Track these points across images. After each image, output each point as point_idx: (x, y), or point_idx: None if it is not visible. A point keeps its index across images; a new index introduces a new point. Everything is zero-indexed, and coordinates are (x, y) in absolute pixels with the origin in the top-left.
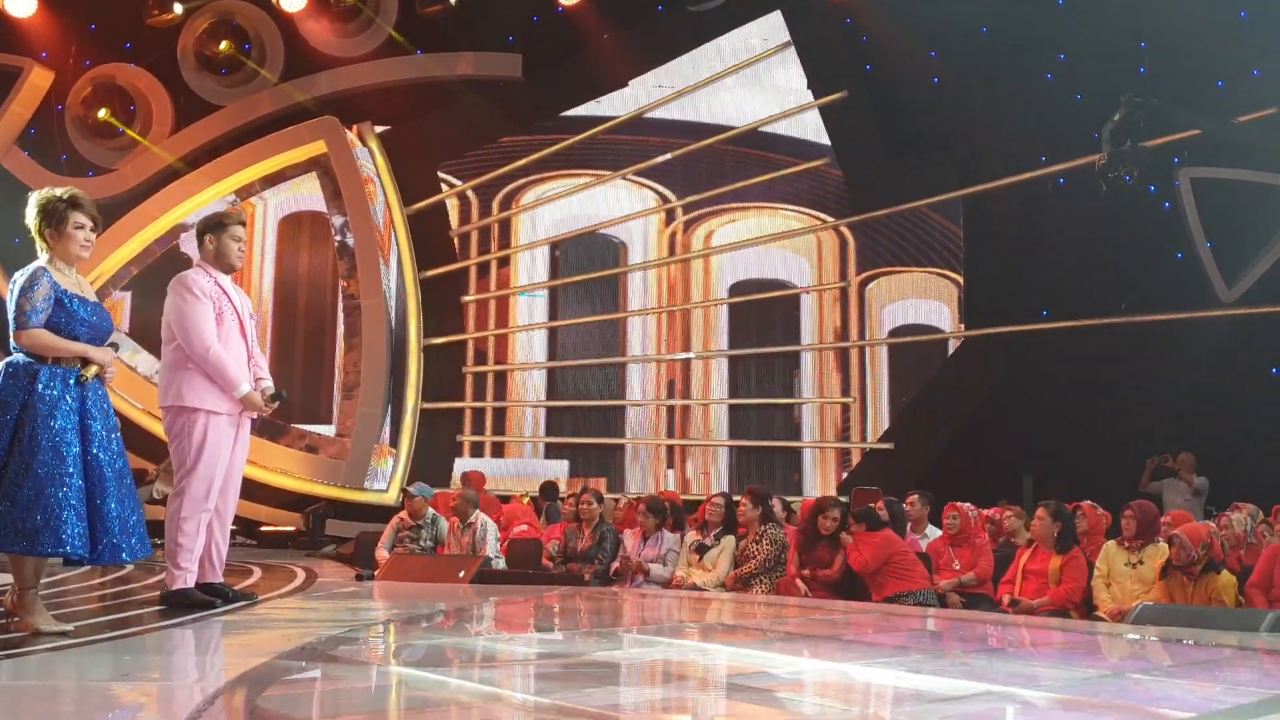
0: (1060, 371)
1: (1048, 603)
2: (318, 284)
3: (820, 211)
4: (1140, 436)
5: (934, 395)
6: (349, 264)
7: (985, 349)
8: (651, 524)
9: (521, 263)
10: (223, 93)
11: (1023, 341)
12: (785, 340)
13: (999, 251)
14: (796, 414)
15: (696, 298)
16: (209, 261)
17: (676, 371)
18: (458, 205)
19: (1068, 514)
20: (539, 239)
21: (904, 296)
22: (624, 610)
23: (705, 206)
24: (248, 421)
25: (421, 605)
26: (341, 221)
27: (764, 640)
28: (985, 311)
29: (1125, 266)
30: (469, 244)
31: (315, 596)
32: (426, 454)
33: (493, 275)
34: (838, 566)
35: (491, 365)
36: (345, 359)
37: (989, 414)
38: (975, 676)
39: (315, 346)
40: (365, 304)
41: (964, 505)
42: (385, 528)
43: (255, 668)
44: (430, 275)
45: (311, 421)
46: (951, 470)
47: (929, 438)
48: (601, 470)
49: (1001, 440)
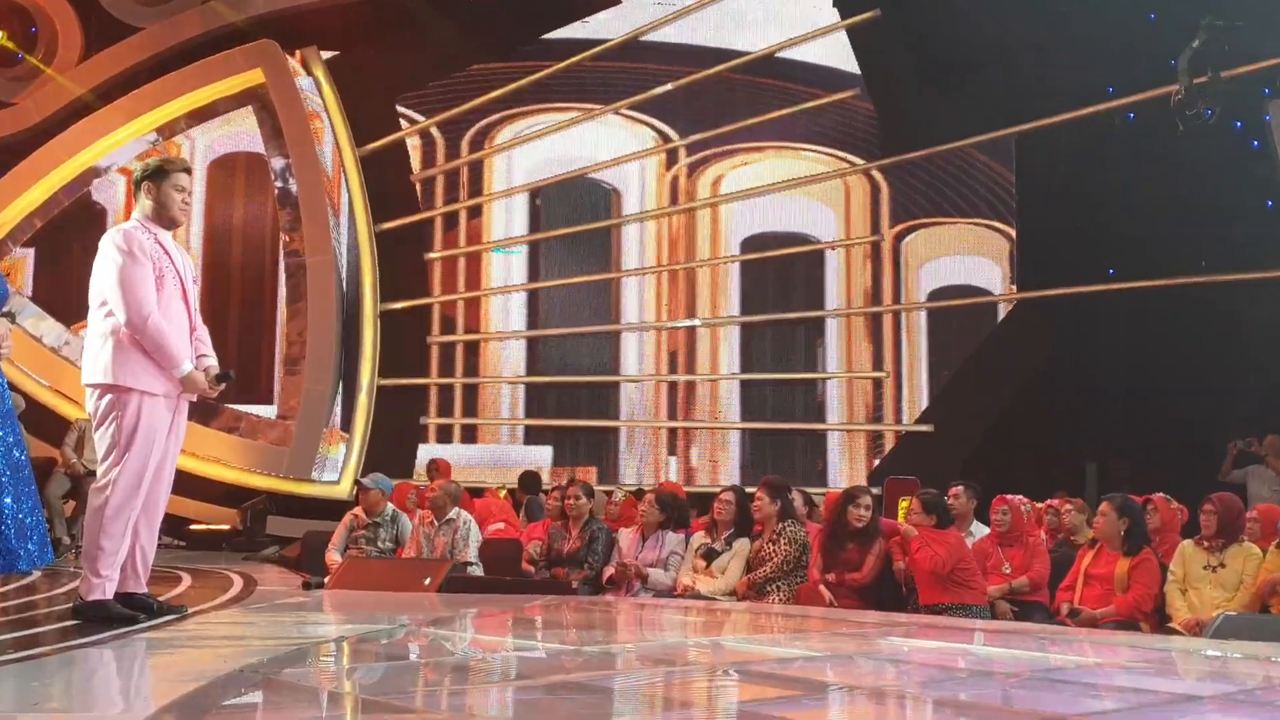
0: (1129, 341)
1: (1113, 613)
2: (255, 238)
3: (848, 152)
4: (1221, 417)
5: (981, 368)
6: (292, 215)
7: (1041, 314)
8: (655, 521)
9: (496, 213)
10: (141, 11)
11: (1085, 305)
12: (807, 304)
13: (1058, 199)
14: (820, 391)
15: (703, 254)
16: (148, 216)
17: (679, 341)
18: (420, 145)
19: (1137, 508)
20: (516, 185)
21: (946, 252)
22: (619, 623)
23: (713, 146)
24: (185, 405)
25: (381, 619)
26: (283, 165)
27: (783, 659)
28: (1042, 270)
29: (1205, 217)
30: (433, 191)
31: (255, 608)
32: (385, 439)
33: (461, 228)
34: (869, 568)
35: (461, 334)
36: (288, 327)
37: (1045, 390)
38: (1027, 702)
39: (252, 312)
40: (311, 262)
41: (1015, 498)
42: (337, 526)
43: (186, 695)
44: (388, 228)
45: (249, 401)
46: (1001, 457)
47: (975, 419)
48: (591, 458)
49: (1060, 422)
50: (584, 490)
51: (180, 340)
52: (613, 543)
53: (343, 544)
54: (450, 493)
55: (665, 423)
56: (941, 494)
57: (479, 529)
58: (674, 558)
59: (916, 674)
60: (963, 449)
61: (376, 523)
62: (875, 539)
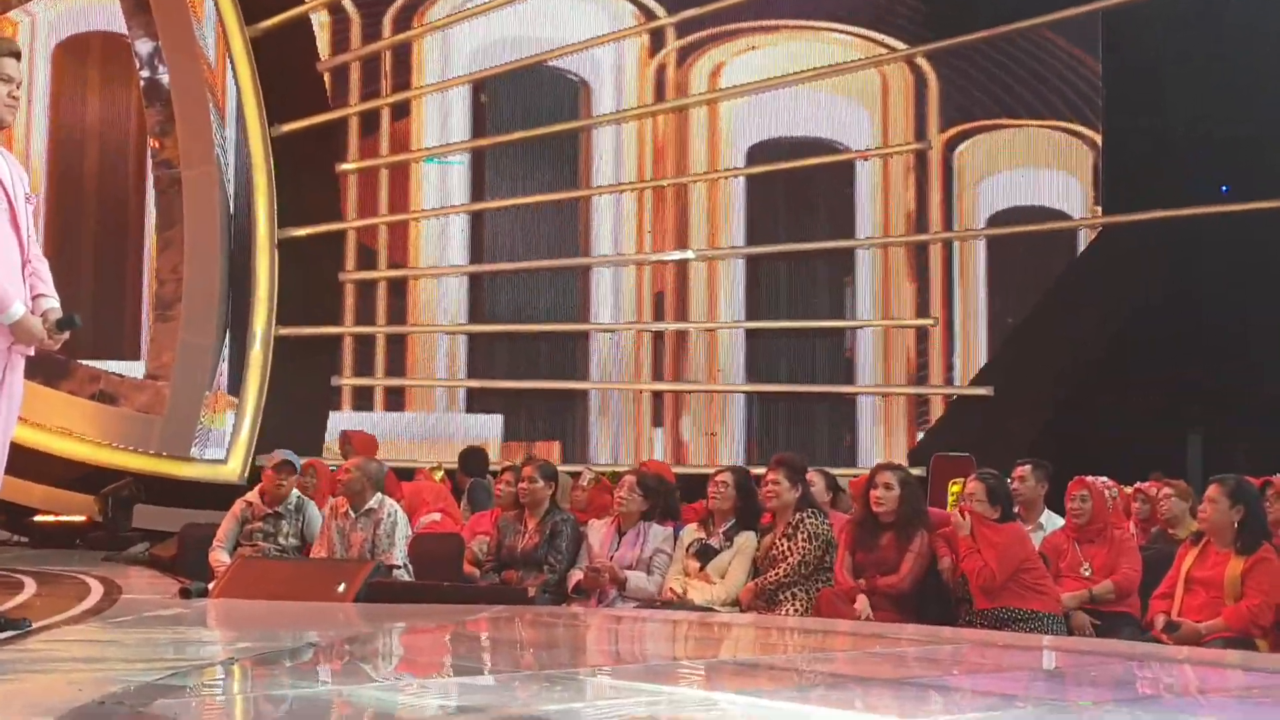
0: (1246, 278)
1: (1222, 626)
2: (114, 145)
3: (885, 34)
4: None
5: (1056, 315)
6: (162, 114)
7: (1134, 243)
8: (636, 510)
9: (429, 112)
10: None
11: (1190, 232)
12: (833, 232)
13: (1156, 96)
14: (849, 344)
15: (697, 167)
16: None
17: (667, 280)
18: (329, 24)
19: (1254, 494)
20: (455, 76)
21: (1012, 165)
22: (588, 641)
23: (710, 26)
24: (20, 361)
25: (281, 636)
26: (150, 48)
27: (801, 686)
28: (1135, 187)
29: None
30: (347, 83)
31: (119, 623)
32: (286, 406)
33: (384, 131)
34: (907, 569)
35: (384, 270)
36: (158, 261)
37: (1137, 343)
38: None
39: (112, 242)
40: (189, 175)
41: (1098, 480)
42: (224, 518)
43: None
44: (289, 131)
45: (109, 357)
46: (1079, 428)
47: (1047, 380)
48: (553, 431)
49: (1155, 383)
50: (543, 471)
51: (9, 276)
52: (580, 539)
53: (232, 540)
54: (370, 474)
55: (649, 385)
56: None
57: (408, 521)
58: (660, 557)
59: (967, 712)
60: (1032, 418)
61: (278, 513)
62: (916, 531)
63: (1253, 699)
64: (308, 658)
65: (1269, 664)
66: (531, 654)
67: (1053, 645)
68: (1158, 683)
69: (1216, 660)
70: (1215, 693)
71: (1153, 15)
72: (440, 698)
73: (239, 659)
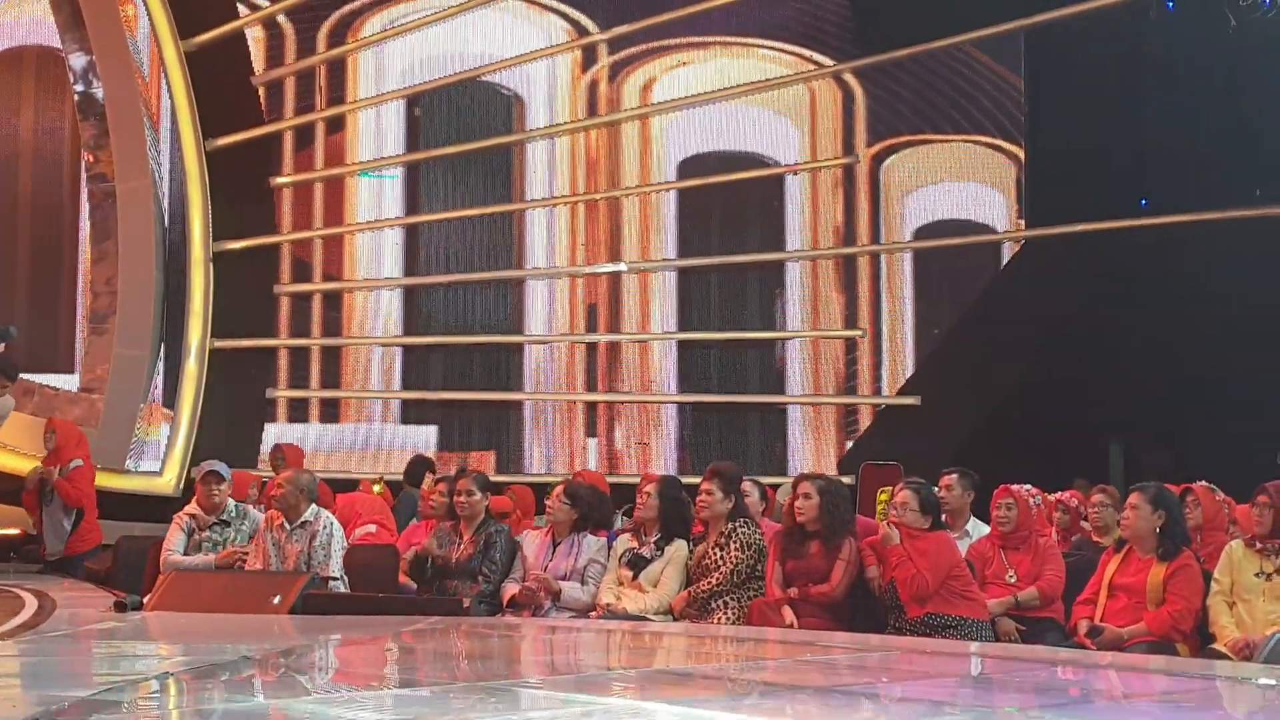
0: (1164, 290)
1: (1144, 631)
2: (48, 159)
3: (814, 50)
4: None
5: (981, 325)
6: (97, 128)
7: (1056, 256)
8: (567, 521)
9: (363, 126)
10: None
11: (1110, 244)
12: (763, 245)
13: (1077, 111)
14: (779, 354)
15: (629, 181)
16: None
17: (599, 292)
18: (263, 38)
19: (1174, 501)
20: (389, 90)
21: (938, 179)
22: (524, 652)
23: (642, 41)
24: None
25: (216, 649)
26: (84, 62)
27: (733, 694)
28: (1056, 200)
29: (1260, 134)
30: (281, 97)
31: (54, 637)
32: (222, 418)
33: (319, 145)
34: (838, 578)
35: (319, 283)
36: (93, 273)
37: (1060, 353)
38: None
39: (47, 254)
40: (123, 189)
41: (1022, 489)
42: (168, 529)
43: None
44: (223, 145)
45: (43, 369)
46: (1004, 437)
47: (973, 389)
48: (487, 440)
49: (1078, 391)
50: (479, 483)
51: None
52: (515, 549)
53: (181, 549)
54: (303, 486)
55: (582, 395)
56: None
57: (344, 533)
58: (594, 567)
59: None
60: (957, 427)
61: (224, 521)
62: (844, 540)
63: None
64: (244, 671)
65: (1190, 668)
66: (467, 665)
67: (979, 651)
68: (1082, 687)
69: (1139, 665)
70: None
71: (1073, 32)
72: (376, 710)
73: (174, 673)
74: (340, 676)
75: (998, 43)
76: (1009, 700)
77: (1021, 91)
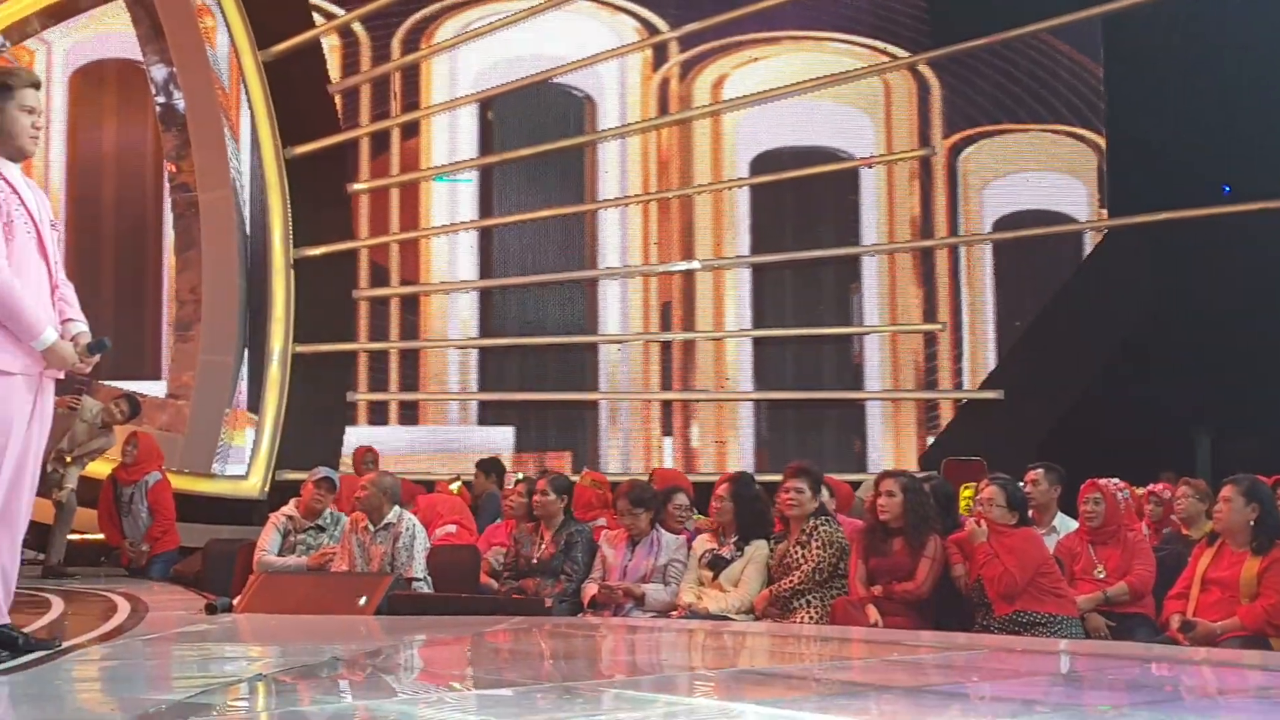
0: (1249, 277)
1: (1238, 626)
2: (131, 169)
3: (888, 42)
4: None
5: (1063, 317)
6: (178, 138)
7: (1139, 245)
8: (641, 522)
9: (437, 131)
10: None
11: (1194, 234)
12: (838, 239)
13: (1159, 99)
14: (856, 350)
15: (702, 179)
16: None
17: (673, 290)
18: (339, 46)
19: (1268, 493)
20: (463, 95)
21: (1017, 169)
22: (607, 652)
23: (713, 39)
24: (51, 385)
25: (305, 651)
26: (165, 74)
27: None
28: (1139, 189)
29: None
30: (357, 104)
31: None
32: (304, 422)
33: (394, 151)
34: (923, 575)
35: (396, 287)
36: (177, 282)
37: (1144, 344)
38: None
39: (131, 264)
40: (205, 199)
41: (1109, 482)
42: (263, 529)
43: None
44: (302, 153)
45: (129, 377)
46: (1089, 430)
47: (1056, 381)
48: (564, 441)
49: (1165, 383)
50: (555, 485)
51: (39, 302)
52: (595, 549)
53: (276, 549)
54: (386, 489)
55: (658, 394)
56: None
57: (426, 534)
58: (675, 566)
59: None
60: (1041, 422)
61: (320, 526)
62: (928, 537)
63: (1270, 698)
64: (334, 673)
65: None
66: (551, 665)
67: (1070, 649)
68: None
69: (1233, 660)
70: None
71: (1152, 18)
72: (461, 710)
73: (266, 675)
74: (426, 677)
75: (1075, 29)
76: (1101, 698)
77: (1100, 79)
